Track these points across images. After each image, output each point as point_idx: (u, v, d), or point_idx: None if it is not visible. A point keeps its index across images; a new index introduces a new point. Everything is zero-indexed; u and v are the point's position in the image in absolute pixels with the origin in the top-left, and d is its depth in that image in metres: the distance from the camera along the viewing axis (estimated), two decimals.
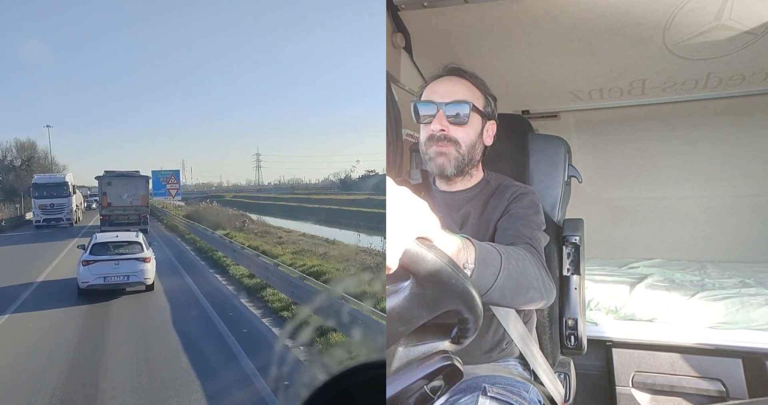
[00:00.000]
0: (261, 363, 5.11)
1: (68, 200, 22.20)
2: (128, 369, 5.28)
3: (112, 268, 8.43)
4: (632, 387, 2.82)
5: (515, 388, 1.49)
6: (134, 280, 8.54)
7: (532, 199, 1.55)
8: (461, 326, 0.98)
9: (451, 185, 1.63)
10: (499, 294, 1.14)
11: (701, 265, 3.72)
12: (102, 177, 20.24)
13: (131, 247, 8.88)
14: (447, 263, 0.89)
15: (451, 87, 1.55)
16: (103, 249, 8.69)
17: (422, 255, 0.87)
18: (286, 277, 7.99)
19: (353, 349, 4.56)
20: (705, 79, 3.11)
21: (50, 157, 35.87)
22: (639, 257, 4.02)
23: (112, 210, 19.50)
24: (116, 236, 9.47)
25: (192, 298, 8.45)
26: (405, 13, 2.60)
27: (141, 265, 8.63)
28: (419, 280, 0.89)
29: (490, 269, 1.10)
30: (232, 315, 7.40)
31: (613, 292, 3.06)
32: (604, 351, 2.91)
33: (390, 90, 2.41)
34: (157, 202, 34.42)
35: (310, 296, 6.81)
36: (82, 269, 8.45)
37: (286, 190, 55.73)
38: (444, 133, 1.52)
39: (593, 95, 3.42)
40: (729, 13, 2.40)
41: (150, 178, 23.04)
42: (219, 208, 25.69)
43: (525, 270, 1.22)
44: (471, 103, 1.53)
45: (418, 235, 0.87)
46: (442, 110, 1.52)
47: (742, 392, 2.61)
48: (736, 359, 2.66)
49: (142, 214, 19.85)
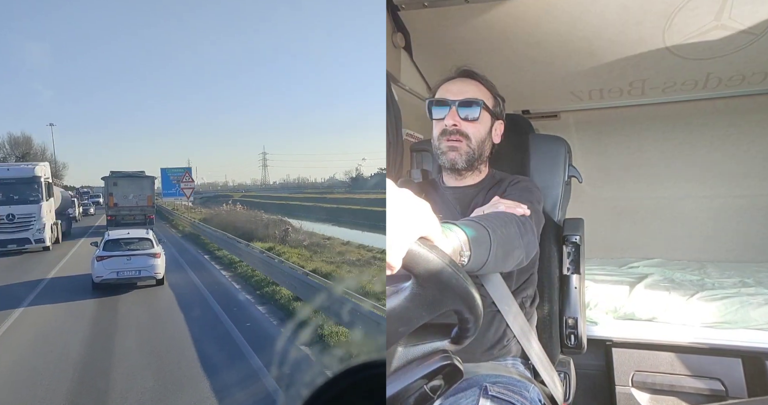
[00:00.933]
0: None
1: (38, 208, 13.95)
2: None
3: (124, 263, 8.82)
4: (632, 386, 2.83)
5: (516, 387, 1.50)
6: (145, 275, 8.96)
7: (526, 184, 1.68)
8: (461, 326, 0.99)
9: (460, 180, 1.73)
10: (492, 264, 1.21)
11: (701, 265, 3.72)
12: (108, 177, 20.24)
13: (142, 244, 9.25)
14: (448, 264, 0.90)
15: (464, 87, 1.67)
16: (116, 245, 9.08)
17: (424, 255, 0.87)
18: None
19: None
20: (705, 79, 3.11)
21: (54, 157, 34.91)
22: (639, 257, 4.02)
23: (118, 210, 19.52)
24: (128, 233, 9.83)
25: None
26: (405, 13, 2.60)
27: (152, 260, 9.01)
28: (421, 281, 0.89)
29: (483, 246, 1.16)
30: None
31: (613, 291, 3.06)
32: (604, 350, 2.91)
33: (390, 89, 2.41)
34: (165, 203, 32.56)
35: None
36: (97, 264, 8.83)
37: (294, 189, 55.23)
38: (456, 127, 1.64)
39: (593, 95, 3.42)
40: (729, 13, 2.40)
41: (156, 178, 22.63)
42: (249, 213, 21.07)
43: (509, 232, 1.30)
44: (482, 101, 1.65)
45: (420, 235, 0.88)
46: (454, 107, 1.64)
47: (741, 392, 2.61)
48: (735, 359, 2.66)
49: (148, 215, 19.81)
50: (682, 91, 3.28)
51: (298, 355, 5.20)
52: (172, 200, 30.36)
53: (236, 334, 6.40)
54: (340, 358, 4.75)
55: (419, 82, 2.98)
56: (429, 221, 0.90)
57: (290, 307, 7.52)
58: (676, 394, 2.75)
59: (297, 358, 5.07)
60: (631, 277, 3.29)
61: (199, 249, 14.59)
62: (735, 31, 2.50)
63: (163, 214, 28.19)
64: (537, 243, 1.49)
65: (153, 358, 5.56)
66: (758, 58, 2.78)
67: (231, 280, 10.14)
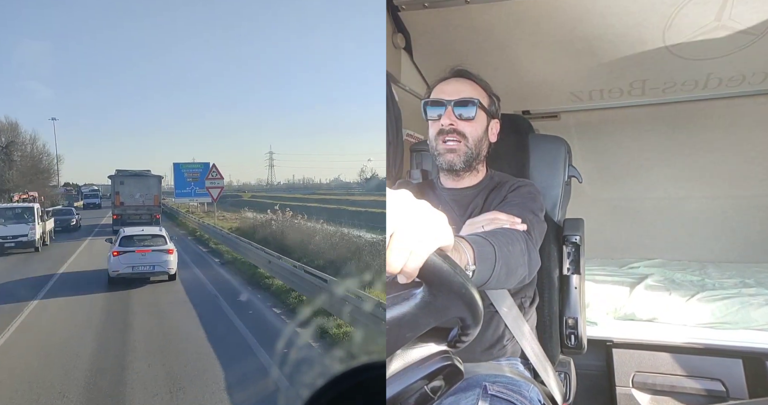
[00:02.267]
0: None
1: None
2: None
3: (139, 258, 9.23)
4: (632, 387, 2.82)
5: (516, 386, 1.50)
6: (159, 270, 9.37)
7: (528, 190, 1.65)
8: (462, 332, 1.00)
9: (458, 182, 1.71)
10: (495, 281, 1.21)
11: (701, 265, 3.72)
12: (114, 176, 20.13)
13: (155, 240, 9.70)
14: (460, 274, 0.92)
15: (459, 86, 1.66)
16: (131, 241, 9.49)
17: (440, 266, 0.90)
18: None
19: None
20: (705, 79, 3.10)
21: (55, 152, 32.30)
22: (639, 257, 4.02)
23: (124, 209, 19.43)
24: (142, 230, 10.36)
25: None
26: (405, 14, 2.60)
27: (165, 256, 9.42)
28: (433, 290, 0.91)
29: (488, 262, 1.17)
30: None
31: (613, 292, 3.06)
32: (605, 351, 2.91)
33: (390, 90, 2.41)
34: (178, 205, 28.45)
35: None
36: (113, 259, 9.24)
37: (300, 190, 54.46)
38: (453, 126, 1.63)
39: (593, 96, 3.42)
40: (729, 13, 2.40)
41: (163, 177, 21.60)
42: (307, 225, 12.98)
43: (513, 250, 1.30)
44: (477, 100, 1.64)
45: (438, 246, 0.90)
46: (450, 107, 1.62)
47: (742, 392, 2.61)
48: (736, 359, 2.66)
49: (155, 214, 19.58)
50: (682, 91, 3.28)
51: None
52: (186, 201, 25.52)
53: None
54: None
55: (419, 82, 2.98)
56: (445, 232, 0.92)
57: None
58: (677, 395, 2.74)
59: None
60: (631, 278, 3.29)
61: (264, 297, 8.47)
62: (735, 31, 2.50)
63: (175, 218, 24.63)
64: (539, 259, 1.47)
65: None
66: (758, 58, 2.78)
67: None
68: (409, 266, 0.87)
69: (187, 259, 11.86)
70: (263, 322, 7.12)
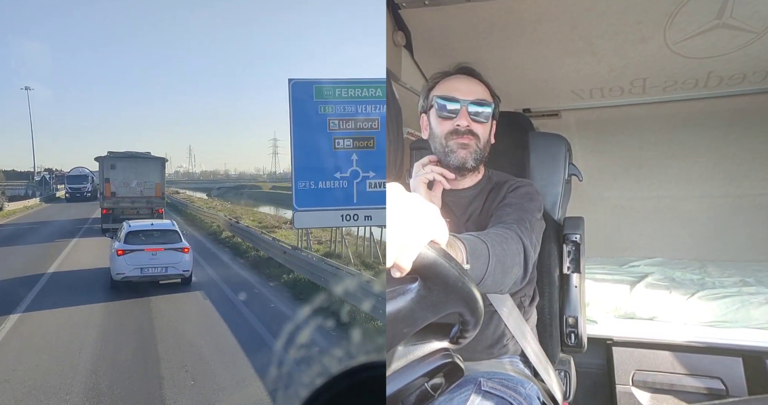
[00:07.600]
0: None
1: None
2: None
3: (149, 258, 7.79)
4: (632, 385, 2.83)
5: (512, 383, 1.50)
6: (173, 272, 7.92)
7: (527, 190, 1.64)
8: (462, 327, 1.00)
9: (457, 183, 1.69)
10: (491, 280, 1.21)
11: (701, 264, 3.72)
12: (104, 158, 15.03)
13: (168, 237, 8.17)
14: (455, 267, 0.91)
15: (471, 86, 1.64)
16: (138, 238, 8.02)
17: (433, 259, 0.89)
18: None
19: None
20: (706, 78, 3.10)
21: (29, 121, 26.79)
22: (639, 256, 4.02)
23: (116, 202, 14.71)
24: (151, 224, 8.83)
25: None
26: (406, 11, 2.59)
27: (180, 255, 7.98)
28: (428, 283, 0.91)
29: (481, 260, 1.17)
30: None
31: (613, 290, 3.06)
32: (605, 349, 2.91)
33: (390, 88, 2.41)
34: (193, 199, 22.29)
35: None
36: (117, 259, 7.77)
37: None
38: (469, 128, 1.62)
39: (594, 94, 3.41)
40: (730, 12, 2.39)
41: (167, 160, 16.43)
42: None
43: (508, 249, 1.29)
44: (491, 104, 1.64)
45: (431, 239, 0.89)
46: (465, 107, 1.61)
47: (741, 390, 2.61)
48: (736, 358, 2.66)
49: (156, 208, 15.02)
50: (682, 90, 3.28)
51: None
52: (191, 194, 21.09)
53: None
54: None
55: (420, 80, 2.97)
56: (438, 225, 0.91)
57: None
58: (677, 393, 2.74)
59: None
60: (631, 276, 3.29)
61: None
62: (736, 29, 2.49)
63: (183, 212, 20.18)
64: (536, 258, 1.45)
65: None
66: (759, 57, 2.77)
67: None
68: (402, 259, 0.85)
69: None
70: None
